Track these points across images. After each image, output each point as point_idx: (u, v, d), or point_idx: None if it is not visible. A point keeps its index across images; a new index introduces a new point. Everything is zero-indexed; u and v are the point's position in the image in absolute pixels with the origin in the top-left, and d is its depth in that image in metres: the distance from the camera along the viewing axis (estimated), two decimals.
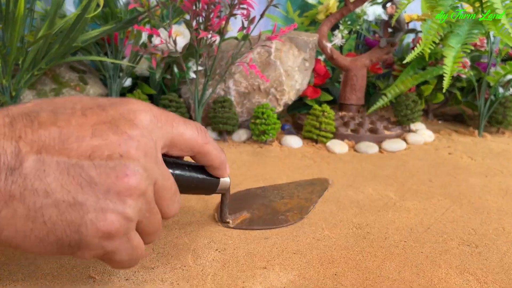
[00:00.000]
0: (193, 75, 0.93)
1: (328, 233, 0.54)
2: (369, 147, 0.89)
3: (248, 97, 0.94)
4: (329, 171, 0.77)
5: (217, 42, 0.84)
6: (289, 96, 0.94)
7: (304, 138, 0.94)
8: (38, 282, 0.42)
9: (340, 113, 1.03)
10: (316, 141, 0.91)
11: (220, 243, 0.51)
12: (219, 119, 0.89)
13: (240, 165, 0.79)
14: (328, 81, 1.15)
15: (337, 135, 0.93)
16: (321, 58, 1.15)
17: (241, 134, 0.94)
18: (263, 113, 0.88)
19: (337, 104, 1.10)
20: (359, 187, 0.70)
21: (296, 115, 1.06)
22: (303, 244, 0.51)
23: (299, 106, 1.12)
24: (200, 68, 0.88)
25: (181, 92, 0.98)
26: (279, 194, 0.65)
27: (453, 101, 1.15)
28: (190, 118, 0.95)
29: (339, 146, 0.88)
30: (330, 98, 1.09)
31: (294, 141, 0.91)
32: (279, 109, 0.94)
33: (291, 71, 0.93)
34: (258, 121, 0.88)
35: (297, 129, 1.00)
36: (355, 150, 0.89)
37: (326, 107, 0.91)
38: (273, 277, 0.44)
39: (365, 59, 1.03)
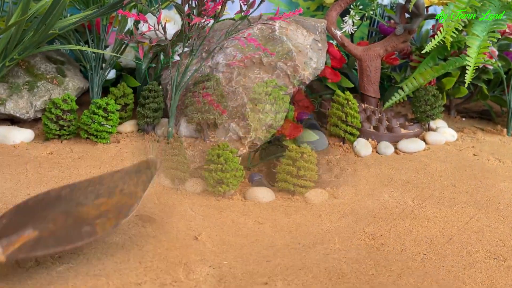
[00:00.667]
0: (177, 58, 0.90)
1: (338, 245, 0.54)
2: (388, 148, 0.90)
3: (244, 72, 0.84)
4: (355, 180, 0.76)
5: (210, 24, 0.82)
6: (305, 75, 0.88)
7: (330, 135, 0.93)
8: None
9: (363, 105, 1.03)
10: (343, 140, 0.91)
11: (214, 262, 0.51)
12: (196, 106, 0.76)
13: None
14: (345, 66, 1.15)
15: (362, 132, 0.93)
16: (334, 42, 1.15)
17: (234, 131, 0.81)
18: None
19: (358, 93, 1.10)
20: (375, 194, 0.70)
21: (318, 100, 1.05)
22: (309, 257, 0.51)
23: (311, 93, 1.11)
24: (186, 49, 0.85)
25: (161, 79, 0.96)
26: (94, 192, 0.54)
27: (479, 95, 1.15)
28: (165, 107, 0.89)
29: (364, 148, 0.89)
30: (351, 85, 1.09)
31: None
32: (293, 89, 0.85)
33: (302, 48, 0.89)
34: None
35: (320, 120, 0.98)
36: (377, 152, 0.90)
37: (349, 95, 0.90)
38: None
39: (379, 48, 1.03)
